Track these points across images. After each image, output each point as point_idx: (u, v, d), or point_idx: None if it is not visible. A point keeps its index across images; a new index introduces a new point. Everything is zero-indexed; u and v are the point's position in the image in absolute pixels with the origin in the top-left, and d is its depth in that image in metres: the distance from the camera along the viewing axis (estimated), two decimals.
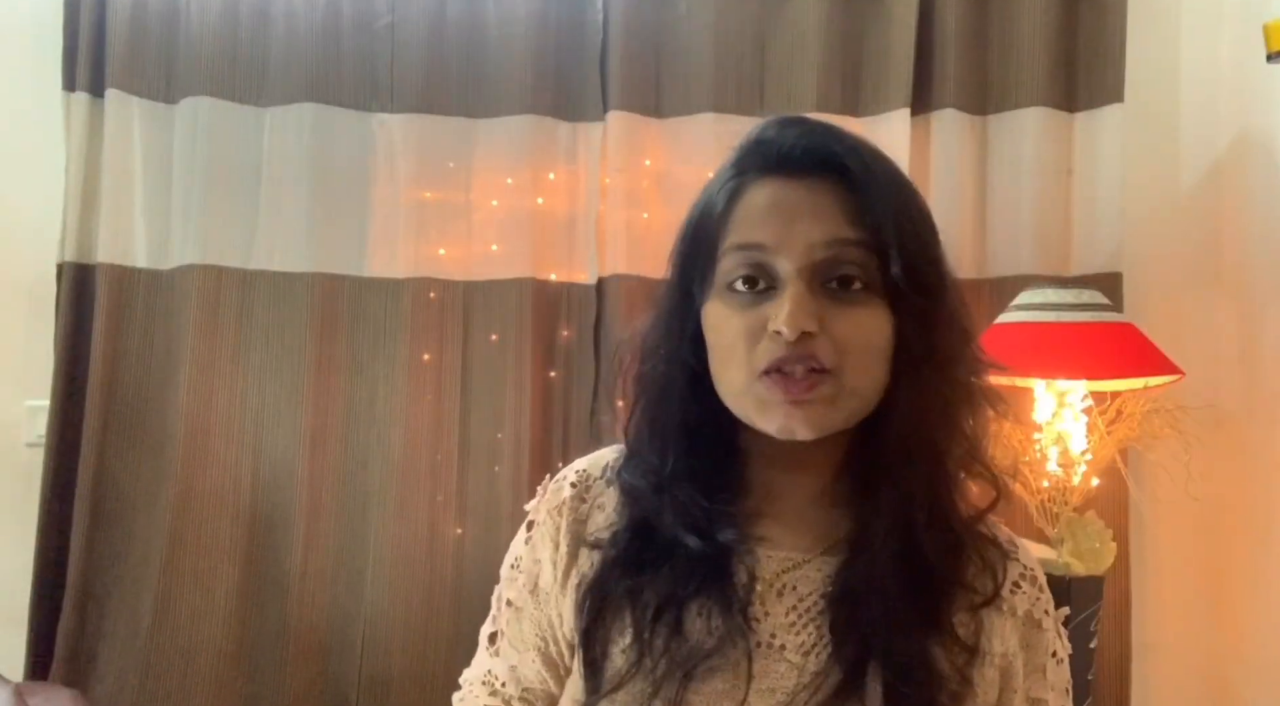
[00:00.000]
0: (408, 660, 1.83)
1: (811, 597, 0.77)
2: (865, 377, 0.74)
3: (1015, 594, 0.79)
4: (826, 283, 0.73)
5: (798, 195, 0.75)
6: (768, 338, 0.73)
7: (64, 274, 1.87)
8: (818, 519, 0.79)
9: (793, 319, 0.71)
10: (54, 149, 1.89)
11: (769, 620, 0.76)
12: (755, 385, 0.73)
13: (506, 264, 1.92)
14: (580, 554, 0.82)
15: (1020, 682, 0.78)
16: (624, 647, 0.76)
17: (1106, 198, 1.85)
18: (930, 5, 1.89)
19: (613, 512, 0.82)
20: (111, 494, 1.86)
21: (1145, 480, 1.76)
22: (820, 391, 0.72)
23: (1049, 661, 0.80)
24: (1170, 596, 1.88)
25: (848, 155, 0.75)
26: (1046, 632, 0.80)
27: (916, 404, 0.75)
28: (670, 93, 1.94)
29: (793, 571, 0.78)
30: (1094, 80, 1.87)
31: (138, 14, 1.89)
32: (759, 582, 0.77)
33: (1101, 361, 1.56)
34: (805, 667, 0.74)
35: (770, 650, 0.75)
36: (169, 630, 1.80)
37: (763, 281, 0.74)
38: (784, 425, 0.73)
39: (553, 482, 0.88)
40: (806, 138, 0.76)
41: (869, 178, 0.74)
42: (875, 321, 0.74)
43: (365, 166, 1.93)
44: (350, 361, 1.91)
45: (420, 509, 1.87)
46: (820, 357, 0.72)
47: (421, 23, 1.92)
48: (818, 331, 0.71)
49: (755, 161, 0.78)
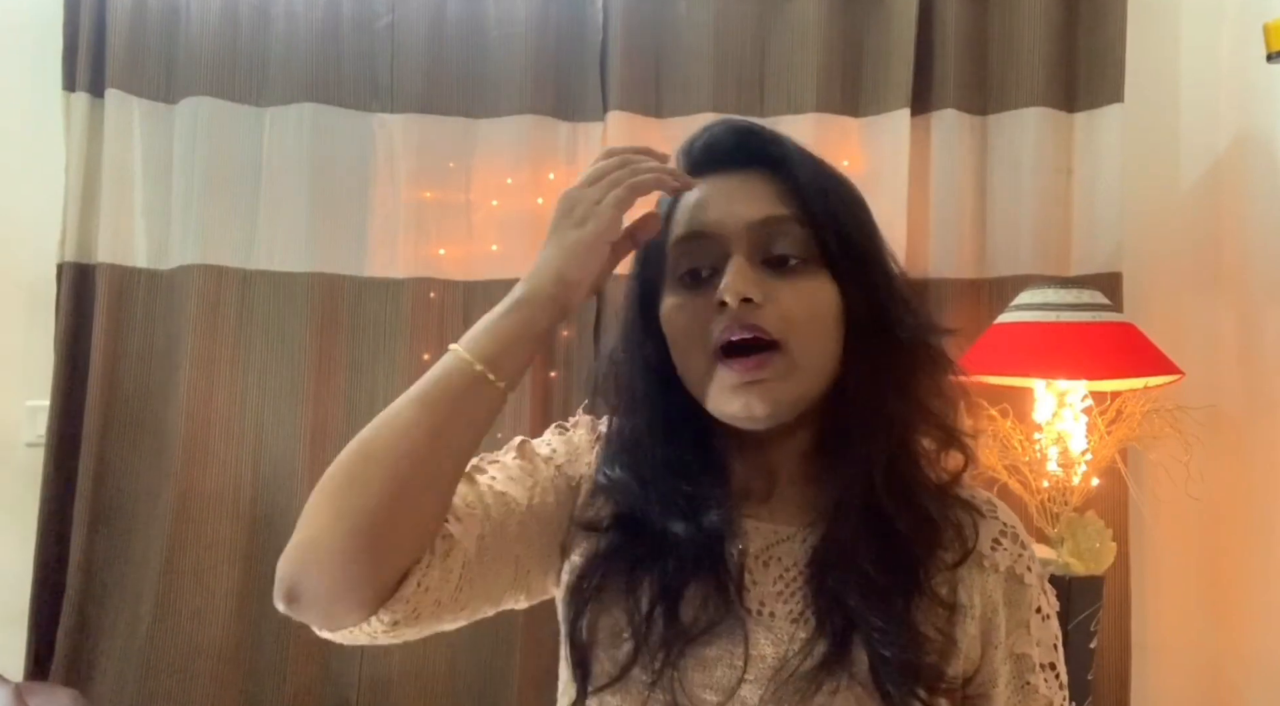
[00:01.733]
0: (407, 660, 1.83)
1: (796, 568, 0.79)
2: (814, 348, 0.77)
3: (996, 550, 0.80)
4: (767, 260, 0.77)
5: (730, 185, 0.80)
6: (716, 315, 0.76)
7: (64, 274, 1.87)
8: (799, 495, 0.81)
9: (733, 286, 0.74)
10: (54, 149, 1.89)
11: (757, 588, 0.78)
12: (713, 369, 0.77)
13: (506, 264, 1.92)
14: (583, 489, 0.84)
15: (1002, 638, 0.79)
16: (616, 642, 0.77)
17: (1106, 198, 1.85)
18: (930, 5, 1.89)
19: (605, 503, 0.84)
20: (111, 494, 1.86)
21: (1145, 480, 1.76)
22: (771, 368, 0.75)
23: (1033, 617, 0.80)
24: (1170, 596, 1.88)
25: (773, 146, 0.81)
26: (1030, 588, 0.81)
27: (867, 372, 0.78)
28: (670, 93, 1.94)
29: (779, 544, 0.80)
30: (1094, 80, 1.87)
31: (138, 14, 1.89)
32: (748, 556, 0.79)
33: (1101, 361, 1.56)
34: (795, 635, 0.76)
35: (760, 617, 0.77)
36: (169, 630, 1.80)
37: (707, 268, 0.78)
38: (742, 404, 0.75)
39: (586, 417, 0.92)
40: (734, 136, 0.82)
41: (795, 164, 0.79)
42: (819, 292, 0.77)
43: (365, 166, 1.93)
44: (350, 361, 1.91)
45: None
46: (766, 327, 0.75)
47: (421, 23, 1.92)
48: (760, 301, 0.75)
49: (689, 165, 0.83)
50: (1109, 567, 1.58)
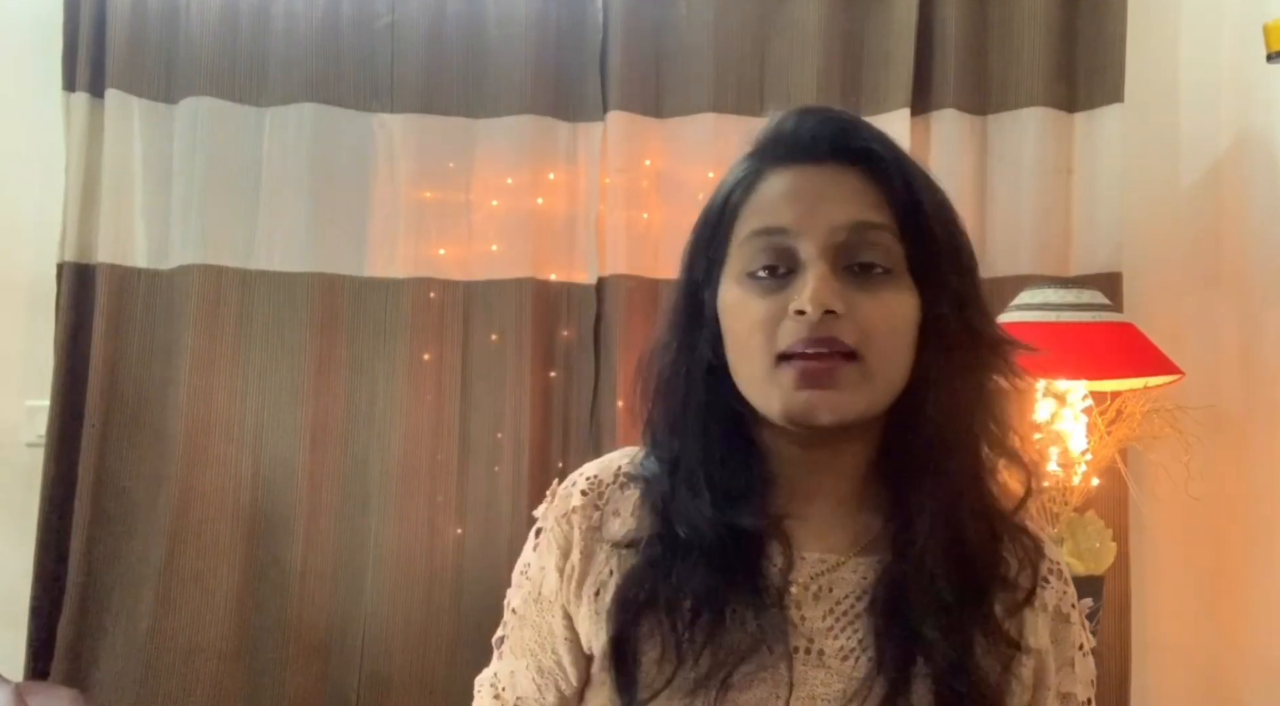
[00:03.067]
0: (408, 660, 1.83)
1: (849, 600, 0.74)
2: (890, 362, 0.71)
3: (1044, 589, 0.77)
4: (849, 266, 0.72)
5: (819, 181, 0.73)
6: (789, 319, 0.70)
7: (64, 274, 1.87)
8: (847, 522, 0.77)
9: (817, 296, 0.69)
10: (54, 149, 1.89)
11: (806, 624, 0.73)
12: (776, 371, 0.71)
13: (506, 264, 1.92)
14: (597, 559, 0.78)
15: (1052, 679, 0.77)
16: (656, 656, 0.73)
17: (1106, 198, 1.85)
18: (930, 5, 1.89)
19: (630, 517, 0.78)
20: (111, 494, 1.86)
21: (1145, 480, 1.76)
22: (843, 375, 0.70)
23: (1076, 655, 0.79)
24: (1170, 596, 1.88)
25: (870, 142, 0.74)
26: (1074, 626, 0.79)
27: (953, 389, 0.73)
28: (670, 93, 1.94)
29: (829, 573, 0.75)
30: (1094, 80, 1.87)
31: (138, 14, 1.89)
32: (795, 586, 0.74)
33: (1101, 361, 1.56)
34: (845, 673, 0.72)
35: (809, 656, 0.72)
36: (169, 630, 1.80)
37: (783, 266, 0.72)
38: (805, 410, 0.70)
39: (561, 488, 0.84)
40: (827, 126, 0.75)
41: (891, 165, 0.73)
42: (901, 305, 0.72)
43: (365, 166, 1.93)
44: (350, 361, 1.91)
45: (420, 509, 1.87)
46: (844, 339, 0.69)
47: (421, 23, 1.92)
48: (842, 312, 0.69)
49: (774, 151, 0.76)
50: (1109, 567, 1.58)
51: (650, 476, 0.79)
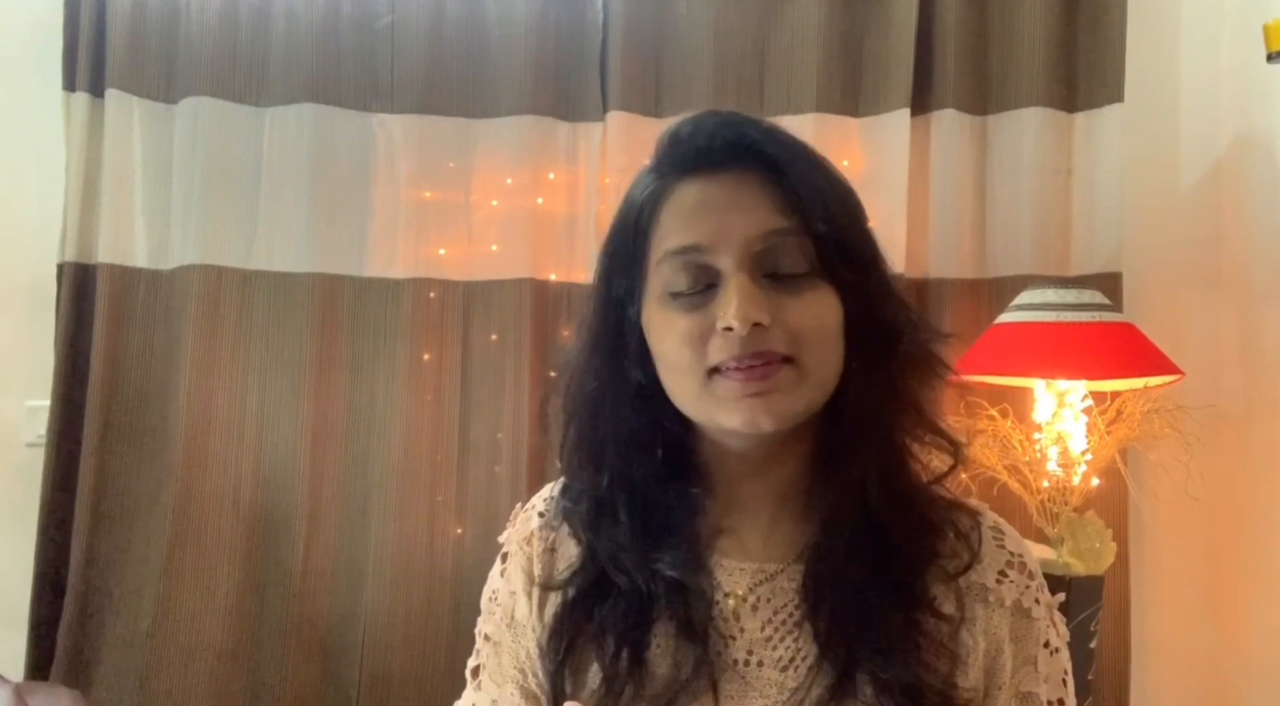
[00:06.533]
0: (408, 659, 1.83)
1: (787, 609, 0.75)
2: (823, 360, 0.73)
3: (1002, 583, 0.76)
4: (767, 274, 0.72)
5: (725, 191, 0.74)
6: (718, 336, 0.71)
7: (64, 274, 1.87)
8: (786, 528, 0.77)
9: (741, 311, 0.69)
10: (54, 149, 1.89)
11: (744, 636, 0.74)
12: (710, 384, 0.72)
13: (506, 264, 1.92)
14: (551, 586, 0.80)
15: (1007, 678, 0.75)
16: (592, 691, 0.73)
17: (1106, 198, 1.85)
18: (930, 5, 1.89)
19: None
20: (112, 494, 1.86)
21: (1145, 480, 1.76)
22: (780, 379, 0.71)
23: (1040, 652, 0.77)
24: (1170, 596, 1.88)
25: (766, 143, 0.74)
26: (1037, 622, 0.77)
27: (868, 380, 0.74)
28: (670, 93, 1.94)
29: (767, 583, 0.76)
30: (1094, 80, 1.87)
31: (138, 14, 1.89)
32: (731, 598, 0.75)
33: (1101, 361, 1.56)
34: (784, 684, 0.72)
35: (748, 668, 0.73)
36: (169, 630, 1.80)
37: (703, 283, 0.73)
38: (747, 419, 0.71)
39: (523, 512, 0.85)
40: (723, 130, 0.75)
41: (791, 164, 0.74)
42: (823, 304, 0.73)
43: (365, 166, 1.93)
44: (350, 361, 1.91)
45: (420, 509, 1.87)
46: (776, 348, 0.71)
47: (421, 23, 1.92)
48: (769, 322, 0.70)
49: (675, 162, 0.77)
50: (1109, 567, 1.58)
51: (571, 514, 0.79)
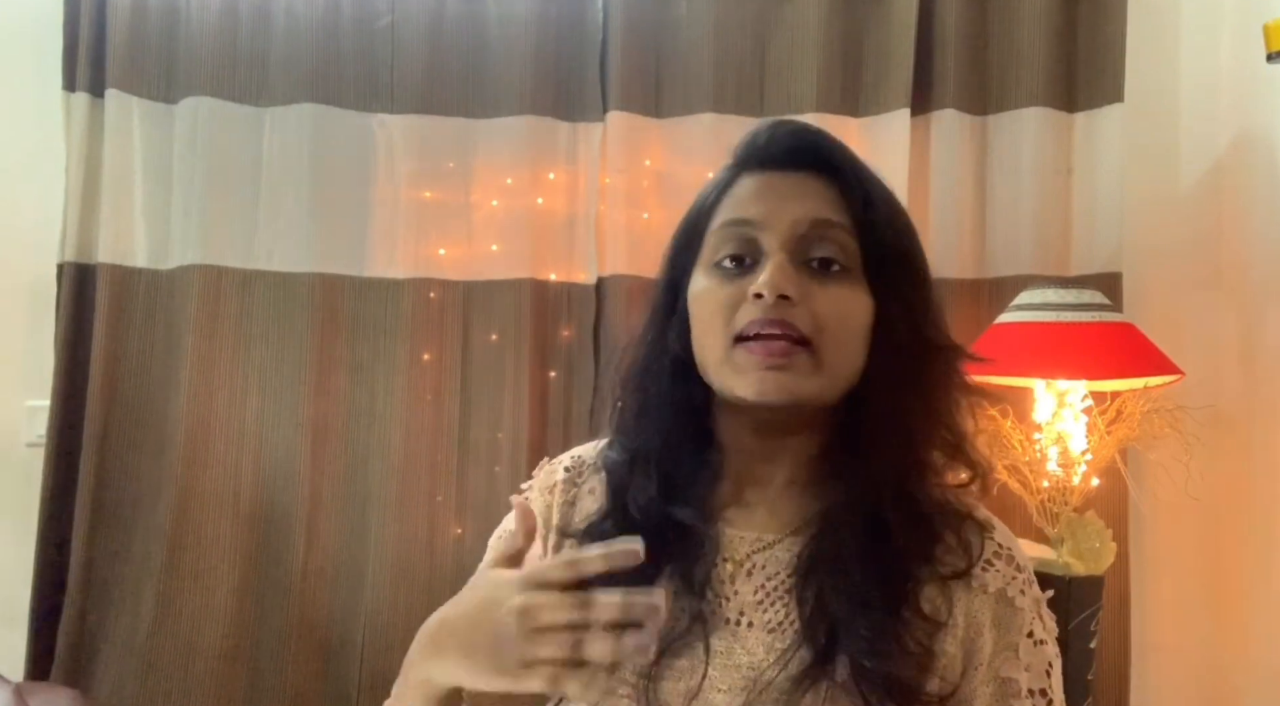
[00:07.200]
0: None
1: (779, 576, 0.79)
2: (841, 353, 0.77)
3: (987, 571, 0.79)
4: (809, 261, 0.78)
5: (786, 183, 0.81)
6: (748, 302, 0.76)
7: (64, 274, 1.87)
8: (789, 505, 0.82)
9: (771, 280, 0.75)
10: (54, 149, 1.89)
11: (737, 598, 0.79)
12: (733, 352, 0.77)
13: (506, 264, 1.92)
14: (567, 533, 0.86)
15: (985, 659, 0.78)
16: None
17: (1106, 198, 1.85)
18: (930, 5, 1.89)
19: (601, 497, 0.85)
20: (112, 494, 1.86)
21: (1145, 480, 1.76)
22: (795, 359, 0.75)
23: (1022, 640, 0.79)
24: (1170, 596, 1.88)
25: (832, 153, 0.82)
26: (1021, 611, 0.79)
27: (894, 386, 0.78)
28: (670, 93, 1.94)
29: (763, 551, 0.80)
30: (1094, 80, 1.87)
31: (138, 14, 1.89)
32: (729, 563, 0.80)
33: (1101, 361, 1.56)
34: (771, 645, 0.76)
35: (738, 627, 0.78)
36: (169, 630, 1.80)
37: (748, 257, 0.79)
38: (758, 388, 0.75)
39: (549, 464, 0.92)
40: (795, 138, 0.83)
41: (851, 173, 0.81)
42: (855, 302, 0.78)
43: (365, 166, 1.93)
44: (350, 361, 1.91)
45: (420, 509, 1.87)
46: (798, 326, 0.75)
47: (421, 23, 1.92)
48: (797, 300, 0.75)
49: (747, 157, 0.84)
50: (1109, 567, 1.58)
51: (610, 464, 0.86)
